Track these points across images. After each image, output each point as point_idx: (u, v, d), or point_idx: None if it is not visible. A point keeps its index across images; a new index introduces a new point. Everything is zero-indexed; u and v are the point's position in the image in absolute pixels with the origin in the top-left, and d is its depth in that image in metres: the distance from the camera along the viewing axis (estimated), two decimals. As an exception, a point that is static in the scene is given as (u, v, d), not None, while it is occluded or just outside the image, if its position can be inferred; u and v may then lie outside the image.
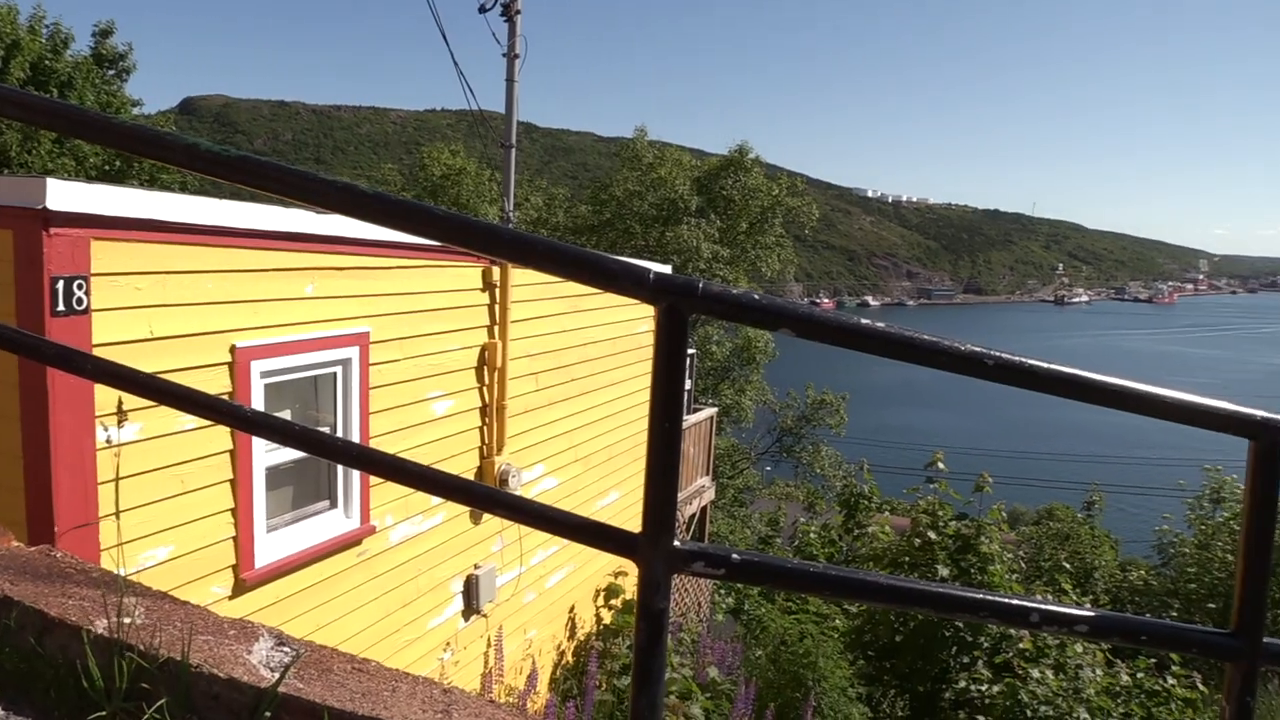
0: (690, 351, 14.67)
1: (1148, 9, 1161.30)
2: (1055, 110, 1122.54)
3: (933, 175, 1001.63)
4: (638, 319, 9.44)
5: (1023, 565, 10.48)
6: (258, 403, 5.08)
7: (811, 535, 13.42)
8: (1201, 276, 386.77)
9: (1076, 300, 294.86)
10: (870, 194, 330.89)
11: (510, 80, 12.81)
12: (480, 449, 7.29)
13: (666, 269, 11.07)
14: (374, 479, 5.91)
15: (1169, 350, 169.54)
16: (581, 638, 9.14)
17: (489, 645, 7.51)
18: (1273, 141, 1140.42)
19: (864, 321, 1.45)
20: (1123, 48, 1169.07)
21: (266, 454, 5.16)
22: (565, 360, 8.39)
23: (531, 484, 7.97)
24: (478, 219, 1.60)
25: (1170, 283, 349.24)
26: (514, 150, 13.14)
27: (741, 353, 29.32)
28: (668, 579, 1.48)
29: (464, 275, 6.92)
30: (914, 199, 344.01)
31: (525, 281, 7.41)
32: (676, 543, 1.45)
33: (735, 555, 1.50)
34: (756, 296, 1.42)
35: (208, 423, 4.37)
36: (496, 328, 7.25)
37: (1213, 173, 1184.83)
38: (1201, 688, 8.53)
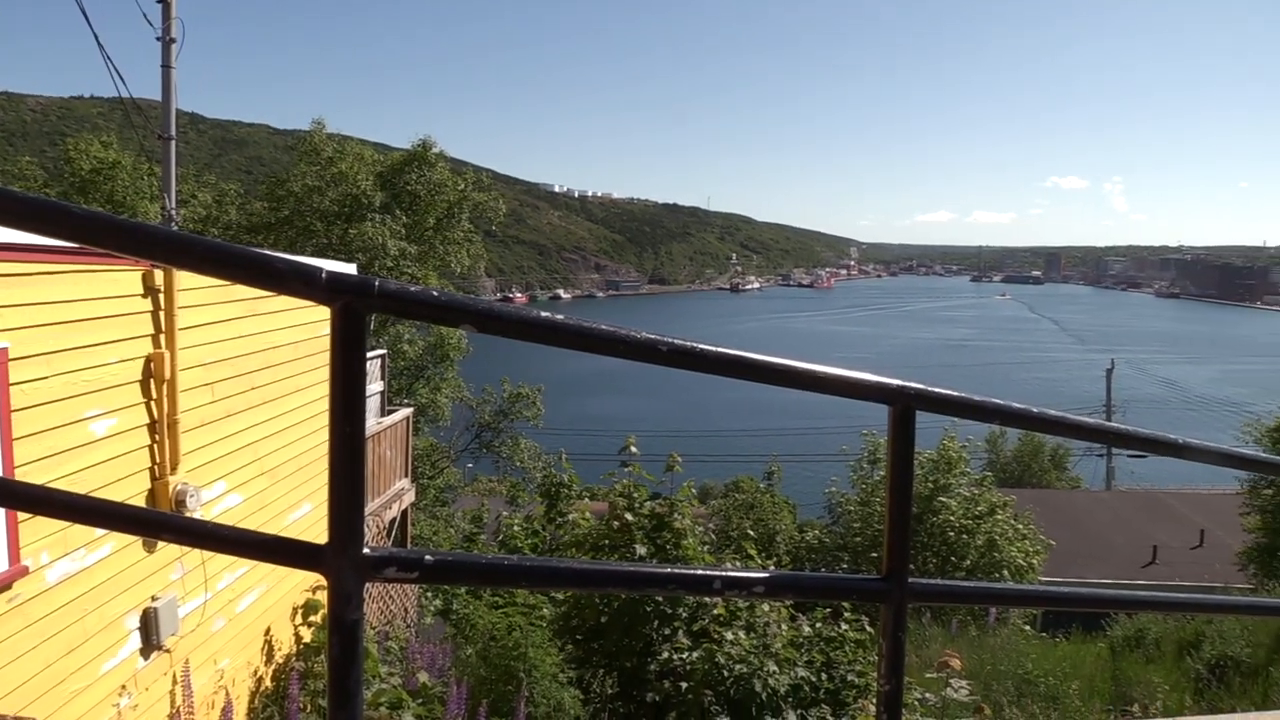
0: (381, 352, 14.26)
1: (806, 10, 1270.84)
2: (725, 108, 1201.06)
3: (616, 171, 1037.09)
4: (324, 320, 9.03)
5: (713, 537, 11.13)
6: None
7: (515, 528, 13.52)
8: (853, 263, 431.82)
9: (750, 287, 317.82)
10: (558, 189, 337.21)
11: (167, 66, 11.82)
12: (151, 469, 6.67)
13: (351, 268, 10.68)
14: (23, 514, 5.24)
15: (830, 329, 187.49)
16: (280, 660, 8.64)
17: (175, 682, 6.91)
18: (902, 142, 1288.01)
19: (544, 314, 1.47)
20: (776, 47, 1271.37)
21: (-122, 496, 4.42)
22: (245, 368, 7.87)
23: (213, 503, 7.41)
24: (126, 218, 1.46)
25: (828, 269, 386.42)
26: (174, 142, 12.14)
27: (435, 350, 28.91)
28: (359, 588, 1.43)
29: (121, 280, 6.29)
30: (599, 194, 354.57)
31: (195, 285, 6.86)
32: (366, 550, 1.41)
33: (429, 557, 1.48)
34: (436, 293, 1.41)
35: None
36: (163, 336, 6.66)
37: (859, 169, 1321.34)
38: (869, 629, 9.50)
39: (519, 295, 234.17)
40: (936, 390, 2.14)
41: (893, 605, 2.07)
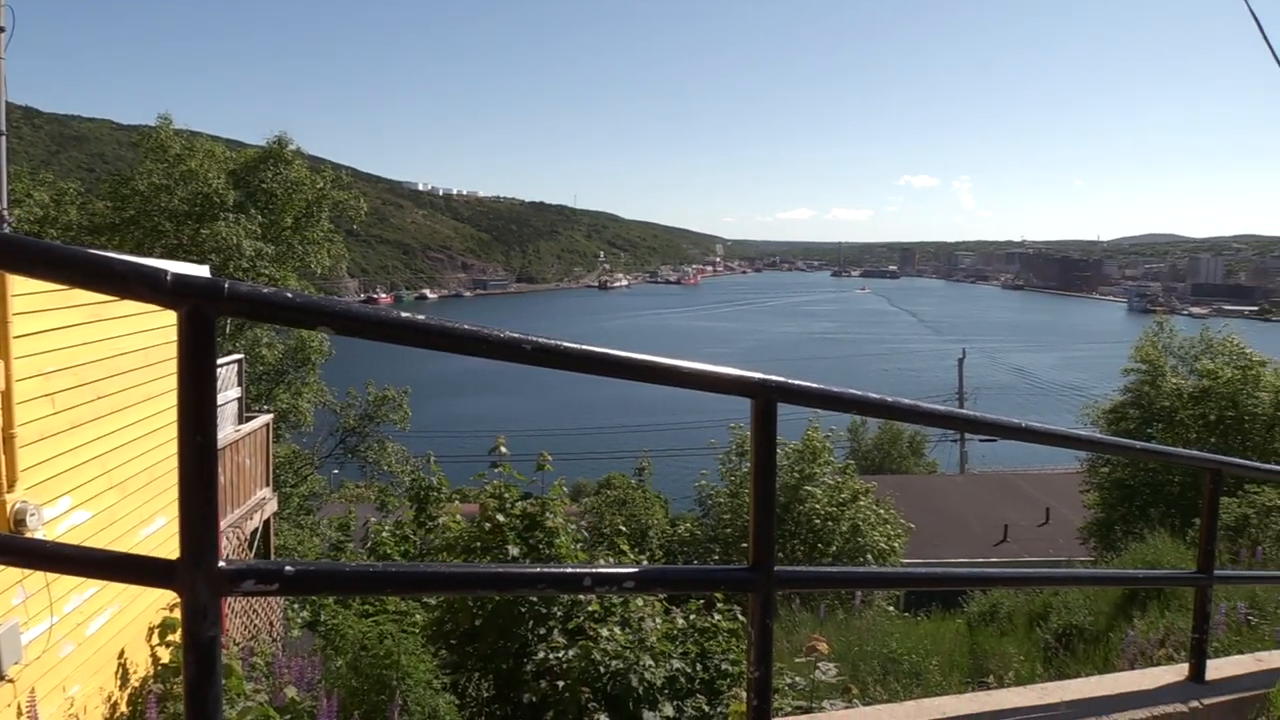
0: (237, 356, 13.73)
1: (665, 7, 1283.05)
2: (590, 106, 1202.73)
3: (481, 169, 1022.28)
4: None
5: (585, 535, 11.16)
6: None
7: (384, 534, 13.22)
8: (718, 260, 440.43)
9: (618, 285, 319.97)
10: (421, 187, 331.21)
11: (-7, 57, 11.07)
12: (-15, 488, 6.24)
13: (204, 270, 10.25)
14: None
15: (697, 325, 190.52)
16: (137, 684, 8.22)
17: (20, 714, 6.48)
18: (765, 141, 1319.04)
19: (405, 315, 1.45)
20: (639, 45, 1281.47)
21: None
22: (90, 376, 7.44)
23: (56, 521, 6.98)
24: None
25: (694, 265, 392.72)
26: (4, 138, 11.39)
27: (295, 354, 28.00)
28: (215, 604, 1.38)
29: (-55, 286, 5.86)
30: (464, 192, 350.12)
31: (31, 289, 6.45)
32: (221, 563, 1.36)
33: (289, 568, 1.44)
34: (290, 295, 1.37)
35: None
36: (-5, 346, 6.24)
37: (723, 167, 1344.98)
38: (741, 618, 9.67)
39: (383, 296, 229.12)
40: (797, 383, 2.21)
41: (760, 593, 2.13)
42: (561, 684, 8.50)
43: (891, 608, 14.10)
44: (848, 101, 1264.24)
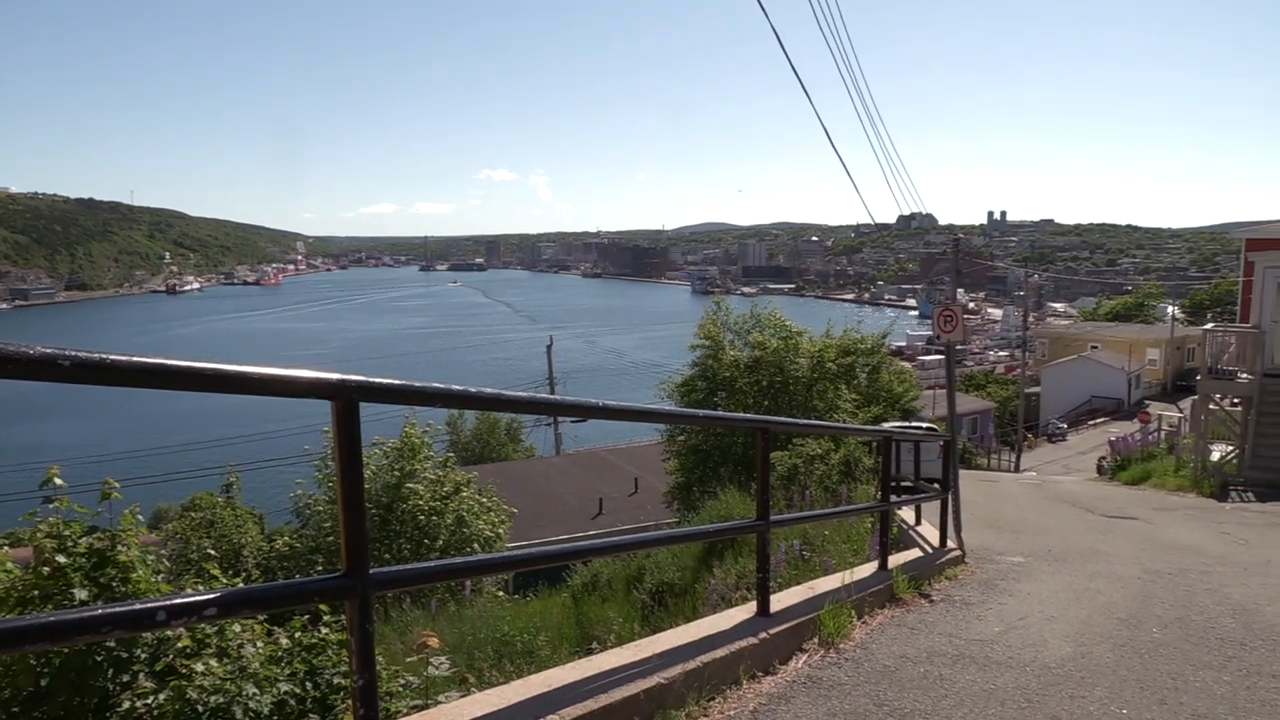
0: None
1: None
2: (146, 97, 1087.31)
3: (10, 163, 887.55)
4: None
5: (168, 564, 10.19)
6: None
7: (-91, 598, 11.11)
8: (300, 258, 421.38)
9: (189, 288, 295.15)
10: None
11: None
12: None
13: None
14: None
15: (283, 327, 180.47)
16: None
17: None
18: (340, 136, 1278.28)
19: (-104, 338, 1.23)
20: (195, 35, 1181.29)
21: None
22: None
23: None
24: None
25: (274, 265, 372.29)
26: None
27: None
28: None
29: None
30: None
31: None
32: None
33: None
34: None
35: None
36: None
37: (299, 162, 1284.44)
38: (350, 626, 9.35)
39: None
40: (378, 380, 2.18)
41: (356, 599, 2.08)
42: (151, 732, 7.71)
43: (501, 593, 14.42)
44: (425, 96, 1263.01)
